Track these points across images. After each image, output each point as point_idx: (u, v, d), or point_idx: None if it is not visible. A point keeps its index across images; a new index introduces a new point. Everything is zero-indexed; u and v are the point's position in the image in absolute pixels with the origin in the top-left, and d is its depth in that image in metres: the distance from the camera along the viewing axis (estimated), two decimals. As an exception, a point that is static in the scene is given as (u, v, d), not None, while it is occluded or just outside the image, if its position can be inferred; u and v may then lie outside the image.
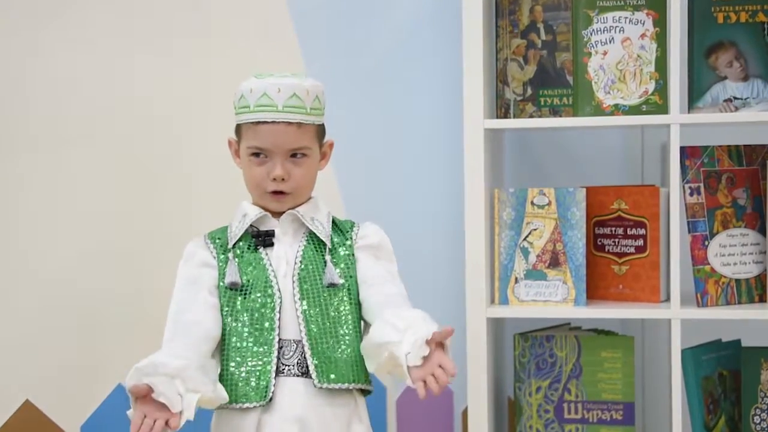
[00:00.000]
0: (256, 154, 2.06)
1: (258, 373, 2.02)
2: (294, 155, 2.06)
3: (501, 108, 2.58)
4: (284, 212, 2.09)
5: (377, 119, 2.78)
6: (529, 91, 2.55)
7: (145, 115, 2.77)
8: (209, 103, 2.75)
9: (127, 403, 1.94)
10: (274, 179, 2.05)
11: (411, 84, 2.77)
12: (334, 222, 2.14)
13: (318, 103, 2.08)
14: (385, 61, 2.77)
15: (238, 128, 2.10)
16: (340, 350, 2.04)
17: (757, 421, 2.52)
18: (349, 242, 2.11)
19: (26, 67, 2.77)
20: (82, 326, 2.76)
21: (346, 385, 2.03)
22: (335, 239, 2.10)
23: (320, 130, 2.12)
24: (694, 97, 2.45)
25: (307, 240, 2.09)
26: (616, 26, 2.45)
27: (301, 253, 2.07)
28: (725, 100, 2.44)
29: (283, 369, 2.03)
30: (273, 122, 2.03)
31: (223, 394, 2.00)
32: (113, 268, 2.77)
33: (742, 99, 2.44)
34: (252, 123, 2.05)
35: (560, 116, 2.53)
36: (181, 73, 2.78)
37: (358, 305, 2.10)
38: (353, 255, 2.11)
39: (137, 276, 2.77)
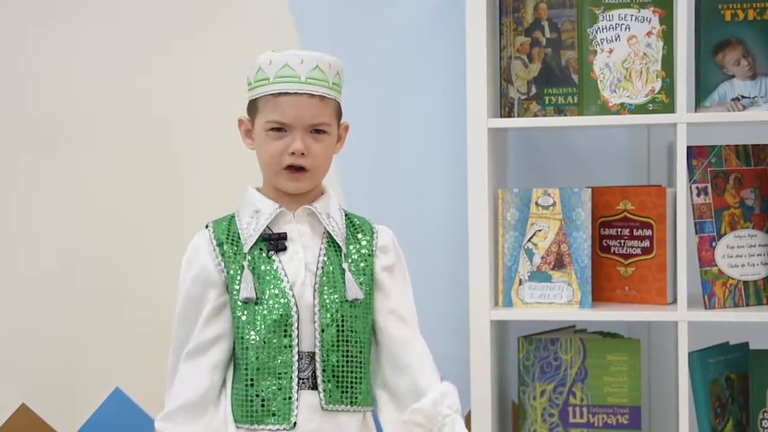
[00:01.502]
0: (275, 129, 1.95)
1: (280, 393, 1.93)
2: (314, 131, 1.96)
3: (505, 107, 2.57)
4: (298, 206, 1.99)
5: (379, 118, 2.76)
6: (534, 90, 2.54)
7: (145, 115, 2.77)
8: (209, 102, 2.73)
9: (124, 407, 1.91)
10: (293, 153, 1.94)
11: (413, 83, 2.76)
12: (348, 217, 2.04)
13: (339, 79, 2.00)
14: (386, 59, 2.77)
15: (253, 104, 1.99)
16: (350, 369, 1.96)
17: (766, 426, 2.50)
18: (366, 248, 2.02)
19: (22, 67, 2.76)
20: (79, 329, 2.75)
21: (351, 407, 1.96)
22: (351, 243, 2.01)
23: (339, 109, 2.02)
24: (701, 95, 2.45)
25: (328, 241, 1.99)
26: (622, 24, 2.44)
27: (323, 258, 1.98)
28: (733, 99, 2.43)
29: (300, 383, 1.95)
30: (295, 93, 1.93)
31: None
32: (111, 271, 2.76)
33: (749, 98, 2.43)
34: (272, 95, 1.94)
35: (565, 115, 2.52)
36: (181, 72, 2.77)
37: (371, 323, 2.02)
38: (372, 266, 2.01)
39: (135, 278, 2.76)
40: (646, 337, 2.76)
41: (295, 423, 1.93)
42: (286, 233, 1.98)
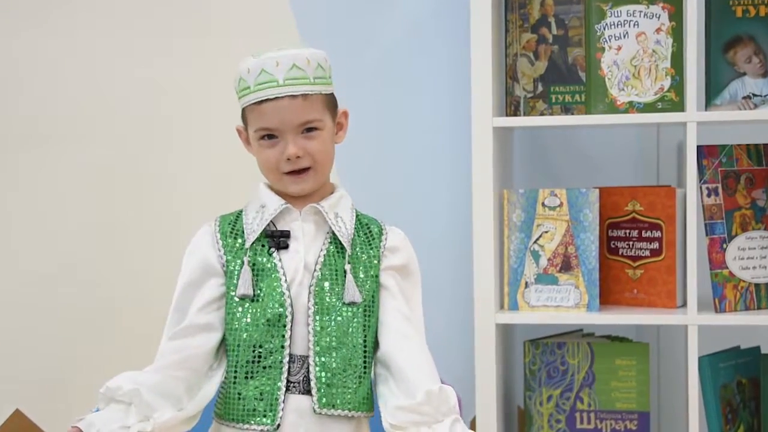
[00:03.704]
0: (266, 137, 1.94)
1: (266, 393, 1.91)
2: (305, 130, 1.94)
3: (510, 105, 2.57)
4: (306, 204, 1.97)
5: (381, 117, 2.75)
6: (540, 88, 2.54)
7: (144, 115, 2.78)
8: (210, 103, 2.73)
9: None
10: (289, 159, 1.93)
11: (416, 81, 2.75)
12: (358, 218, 2.02)
13: (322, 71, 1.97)
14: (389, 57, 2.76)
15: (243, 113, 1.99)
16: (346, 373, 1.93)
17: (778, 431, 2.51)
18: (374, 250, 1.99)
19: (20, 66, 2.75)
20: (74, 334, 2.75)
21: (347, 412, 1.93)
22: (358, 241, 1.98)
23: (330, 100, 2.00)
24: (711, 94, 2.44)
25: (331, 241, 1.97)
26: (631, 20, 2.43)
27: (323, 259, 1.95)
28: (744, 97, 2.42)
29: (289, 386, 1.92)
30: (276, 98, 1.92)
31: (189, 414, 1.92)
32: (108, 275, 2.76)
33: (761, 96, 2.42)
34: (255, 103, 1.94)
35: (572, 114, 2.51)
36: (181, 72, 2.76)
37: (375, 326, 1.98)
38: (378, 268, 1.98)
39: (132, 282, 2.75)
40: (655, 341, 2.75)
41: (279, 425, 1.90)
42: (289, 231, 1.96)
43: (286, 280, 1.93)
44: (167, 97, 2.75)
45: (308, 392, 1.92)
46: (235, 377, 1.93)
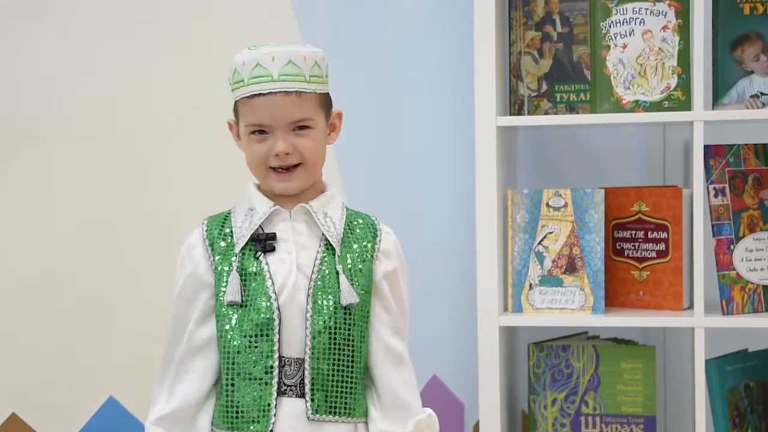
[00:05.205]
0: (257, 132, 1.94)
1: (258, 399, 1.91)
2: (296, 128, 1.93)
3: (514, 104, 2.56)
4: (295, 204, 1.96)
5: (383, 117, 2.75)
6: (545, 87, 2.53)
7: (142, 115, 2.77)
8: (208, 103, 2.72)
9: (118, 416, 1.87)
10: (277, 155, 1.92)
11: (419, 80, 2.74)
12: (350, 216, 2.00)
13: (318, 70, 1.95)
14: (392, 56, 2.75)
15: (235, 107, 1.99)
16: (341, 378, 1.93)
17: (786, 436, 2.51)
18: (368, 252, 1.97)
19: (16, 66, 2.73)
20: (71, 336, 2.75)
21: (338, 418, 1.93)
22: (352, 238, 1.97)
23: (324, 99, 1.98)
24: (718, 92, 2.43)
25: (326, 242, 1.95)
26: (637, 18, 2.42)
27: (319, 261, 1.94)
28: (752, 96, 2.41)
29: (284, 390, 1.91)
30: (269, 93, 1.91)
31: None
32: (104, 277, 2.75)
33: None
34: (247, 97, 1.93)
35: (577, 113, 2.51)
36: (179, 72, 2.76)
37: (367, 330, 1.97)
38: (371, 269, 1.96)
39: (129, 284, 2.74)
40: (661, 344, 2.74)
41: (272, 430, 1.89)
42: (275, 233, 1.94)
43: (273, 283, 1.91)
44: (167, 98, 2.74)
45: (303, 395, 1.91)
46: (227, 384, 1.92)
